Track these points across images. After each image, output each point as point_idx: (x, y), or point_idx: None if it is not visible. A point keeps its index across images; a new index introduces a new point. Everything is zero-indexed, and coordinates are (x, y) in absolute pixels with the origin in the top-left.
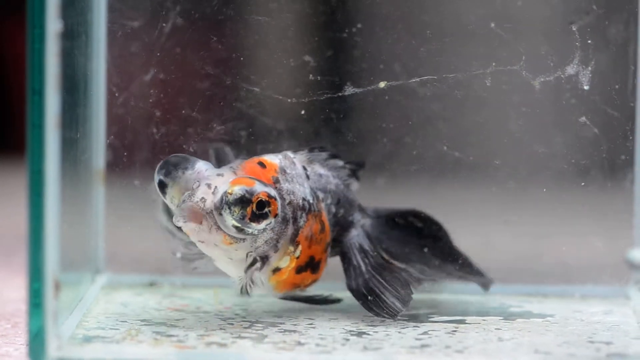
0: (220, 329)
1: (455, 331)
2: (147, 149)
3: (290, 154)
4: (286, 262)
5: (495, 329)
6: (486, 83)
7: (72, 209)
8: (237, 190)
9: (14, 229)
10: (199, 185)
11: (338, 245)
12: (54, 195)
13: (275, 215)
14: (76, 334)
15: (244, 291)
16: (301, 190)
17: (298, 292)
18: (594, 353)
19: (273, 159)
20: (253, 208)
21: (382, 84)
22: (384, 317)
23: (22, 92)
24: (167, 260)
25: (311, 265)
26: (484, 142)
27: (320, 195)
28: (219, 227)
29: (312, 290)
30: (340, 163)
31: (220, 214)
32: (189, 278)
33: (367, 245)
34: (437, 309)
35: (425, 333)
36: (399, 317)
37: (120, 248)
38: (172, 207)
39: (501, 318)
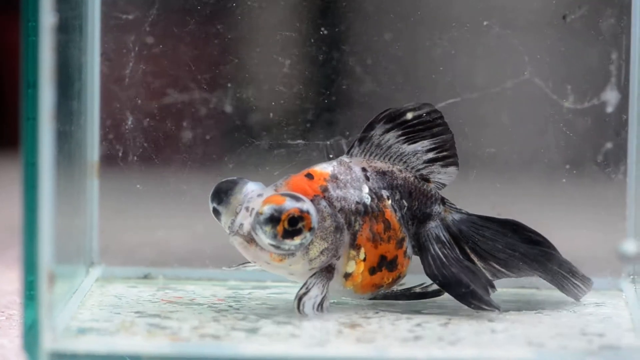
0: (214, 320)
1: (448, 323)
2: (142, 142)
3: (345, 158)
4: (352, 266)
5: (488, 320)
6: (479, 79)
7: (66, 201)
8: (266, 209)
9: (9, 221)
10: (240, 209)
11: (417, 239)
12: (49, 188)
13: (311, 229)
14: (70, 326)
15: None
16: (355, 195)
17: (393, 290)
18: (586, 345)
19: (325, 168)
20: (285, 225)
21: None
22: (484, 308)
23: (17, 85)
24: (161, 252)
25: (385, 265)
26: (477, 133)
27: (385, 193)
28: (262, 247)
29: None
30: (405, 148)
31: (257, 234)
32: (182, 270)
33: (443, 236)
34: (430, 301)
35: (418, 325)
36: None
37: (115, 240)
38: (227, 231)
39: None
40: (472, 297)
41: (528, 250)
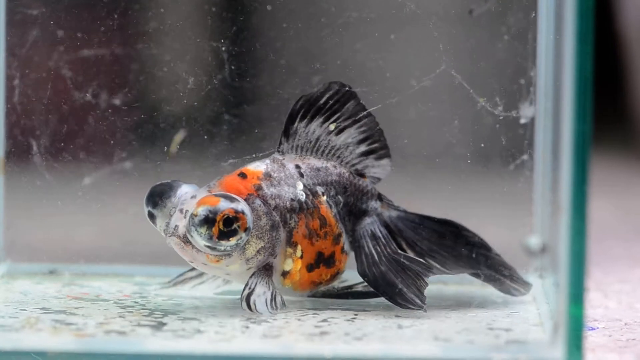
0: (120, 316)
1: (354, 318)
2: (48, 138)
3: (278, 155)
4: (290, 264)
5: (395, 315)
6: (387, 74)
7: None
8: (201, 211)
9: None
10: (175, 212)
11: (353, 235)
12: None
13: (246, 229)
14: None
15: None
16: (290, 192)
17: (334, 287)
18: (493, 340)
19: (258, 166)
20: (220, 226)
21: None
22: (410, 307)
23: None
24: (67, 248)
25: (323, 261)
26: (385, 128)
27: (320, 189)
28: (198, 249)
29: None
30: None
31: (192, 236)
32: (88, 266)
33: (379, 232)
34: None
35: (324, 320)
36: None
37: (20, 237)
38: (163, 234)
39: None
40: (398, 296)
41: (465, 252)
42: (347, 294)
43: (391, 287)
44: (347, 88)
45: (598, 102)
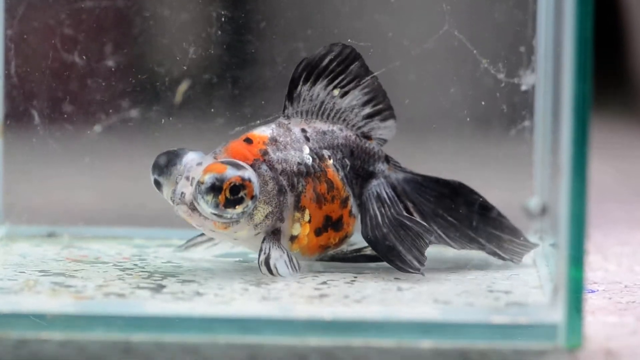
0: (119, 279)
1: (354, 281)
2: (47, 101)
3: (284, 120)
4: (298, 228)
5: (395, 278)
6: (389, 34)
7: None
8: (207, 179)
9: None
10: (181, 179)
11: (360, 197)
12: None
13: (253, 197)
14: None
15: (274, 271)
16: (296, 156)
17: (343, 250)
18: (493, 302)
19: (264, 131)
20: (227, 194)
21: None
22: (408, 271)
23: None
24: (66, 211)
25: (331, 225)
26: (388, 87)
27: (326, 153)
28: (205, 216)
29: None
30: (339, 102)
31: (198, 204)
32: (88, 228)
33: (385, 194)
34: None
35: (324, 283)
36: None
37: (19, 199)
38: (170, 202)
39: None
40: (396, 258)
41: (468, 213)
42: (356, 257)
43: (390, 250)
44: (350, 49)
45: (599, 65)
